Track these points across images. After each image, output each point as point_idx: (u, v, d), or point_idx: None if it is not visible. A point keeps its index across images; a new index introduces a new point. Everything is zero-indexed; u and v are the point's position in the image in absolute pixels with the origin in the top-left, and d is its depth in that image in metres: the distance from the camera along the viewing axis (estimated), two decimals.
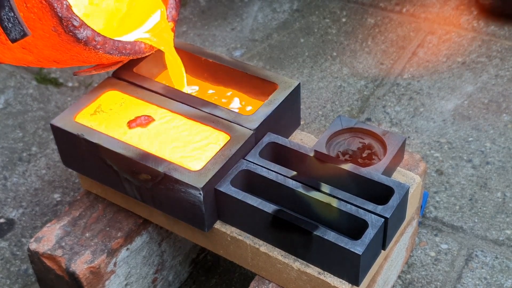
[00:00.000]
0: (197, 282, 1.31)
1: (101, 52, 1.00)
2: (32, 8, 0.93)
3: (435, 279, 1.26)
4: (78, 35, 0.96)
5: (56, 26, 0.94)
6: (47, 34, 0.96)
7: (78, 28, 0.96)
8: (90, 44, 0.98)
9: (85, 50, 0.99)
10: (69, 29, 0.95)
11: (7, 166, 1.55)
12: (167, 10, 1.12)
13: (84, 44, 0.97)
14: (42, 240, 1.10)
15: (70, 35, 0.95)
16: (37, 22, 0.94)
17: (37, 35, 0.97)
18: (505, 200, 1.39)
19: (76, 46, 0.97)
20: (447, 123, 1.58)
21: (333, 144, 1.09)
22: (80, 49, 0.99)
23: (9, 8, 0.90)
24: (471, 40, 1.83)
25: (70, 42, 0.96)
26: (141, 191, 1.04)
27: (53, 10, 0.92)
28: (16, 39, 0.91)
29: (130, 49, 1.05)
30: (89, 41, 0.97)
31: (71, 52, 0.99)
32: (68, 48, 0.98)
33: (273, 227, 0.96)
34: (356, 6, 2.00)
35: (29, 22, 0.94)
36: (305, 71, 1.78)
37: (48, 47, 0.99)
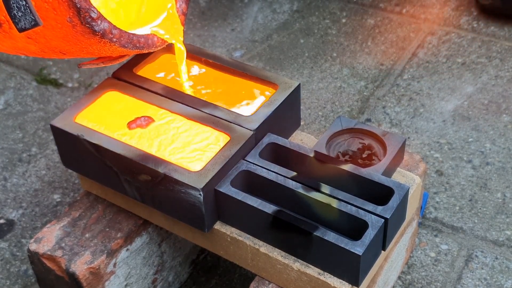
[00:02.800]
0: (197, 282, 1.31)
1: (116, 45, 0.97)
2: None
3: (435, 280, 1.26)
4: (95, 27, 0.92)
5: (72, 17, 0.90)
6: (60, 24, 0.92)
7: (96, 20, 0.92)
8: (106, 37, 0.95)
9: (99, 43, 0.96)
10: (86, 21, 0.91)
11: (7, 166, 1.55)
12: (177, 3, 1.09)
13: (100, 36, 0.94)
14: (42, 241, 1.10)
15: (86, 27, 0.91)
16: (51, 12, 0.90)
17: (48, 25, 0.92)
18: (505, 201, 1.39)
19: (91, 38, 0.94)
20: (447, 123, 1.58)
21: (333, 144, 1.09)
22: (94, 41, 0.95)
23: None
24: (471, 40, 1.83)
25: (85, 34, 0.93)
26: (141, 191, 1.04)
27: (70, 1, 0.89)
28: (24, 29, 0.87)
29: (143, 42, 1.03)
30: (106, 34, 0.94)
31: (82, 44, 0.96)
32: (81, 40, 0.95)
33: (273, 227, 0.96)
34: (356, 7, 2.00)
35: (41, 11, 0.90)
36: (305, 71, 1.78)
37: (58, 38, 0.96)
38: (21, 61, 1.87)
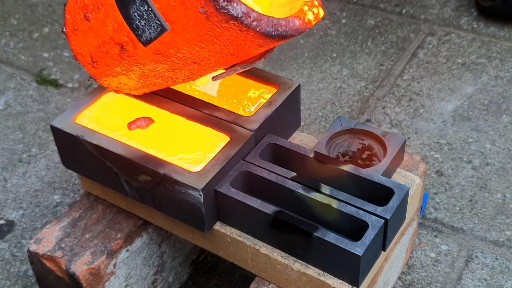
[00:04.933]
0: (197, 283, 1.31)
1: (257, 31, 0.84)
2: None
3: (435, 280, 1.26)
4: (232, 11, 0.80)
5: (205, 5, 0.79)
6: (192, 21, 0.81)
7: (231, 2, 0.80)
8: (246, 21, 0.82)
9: (239, 33, 0.84)
10: (221, 5, 0.79)
11: (7, 167, 1.55)
12: None
13: (239, 21, 0.81)
14: (42, 242, 1.10)
15: (222, 13, 0.80)
16: (179, 8, 0.80)
17: (177, 28, 0.82)
18: (505, 201, 1.39)
19: (228, 29, 0.83)
20: (447, 124, 1.58)
21: (333, 145, 1.09)
22: (232, 33, 0.83)
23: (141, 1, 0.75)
24: (471, 41, 1.83)
25: (220, 24, 0.82)
26: (141, 192, 1.04)
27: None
28: (150, 40, 0.78)
29: (285, 26, 0.88)
30: (244, 17, 0.82)
31: (220, 41, 0.85)
32: (217, 35, 0.83)
33: (273, 228, 0.96)
34: (356, 7, 2.00)
35: (167, 12, 0.80)
36: (305, 72, 1.78)
37: (190, 41, 0.85)
38: (21, 62, 1.88)
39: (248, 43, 0.86)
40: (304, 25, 0.92)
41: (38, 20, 2.03)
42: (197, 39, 0.84)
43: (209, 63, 0.91)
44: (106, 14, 0.87)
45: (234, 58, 0.91)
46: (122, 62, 0.91)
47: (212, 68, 0.94)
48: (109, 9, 0.87)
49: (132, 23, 0.77)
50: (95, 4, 0.88)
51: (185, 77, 0.95)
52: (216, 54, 0.88)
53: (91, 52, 0.94)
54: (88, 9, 0.89)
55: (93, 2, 0.89)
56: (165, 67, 0.91)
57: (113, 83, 0.99)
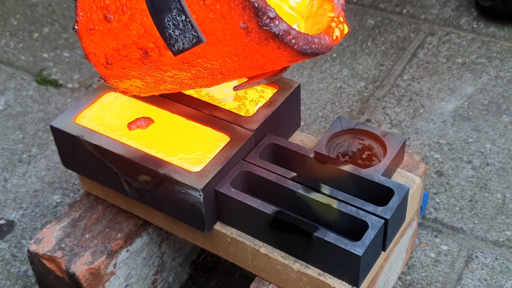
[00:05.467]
0: (197, 283, 1.31)
1: (294, 49, 0.83)
2: (213, 4, 0.77)
3: (435, 280, 1.26)
4: (274, 28, 0.79)
5: (247, 21, 0.77)
6: (229, 35, 0.80)
7: (274, 20, 0.78)
8: (286, 39, 0.81)
9: (276, 50, 0.82)
10: (264, 23, 0.77)
11: (7, 167, 1.55)
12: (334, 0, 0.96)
13: (279, 40, 0.80)
14: (42, 242, 1.10)
15: (264, 30, 0.78)
16: (218, 22, 0.78)
17: (212, 40, 0.80)
18: (505, 201, 1.39)
19: (266, 45, 0.81)
20: (447, 124, 1.58)
21: (333, 145, 1.09)
22: (269, 49, 0.82)
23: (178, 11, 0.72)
24: (471, 41, 1.83)
25: (260, 40, 0.80)
26: (141, 192, 1.04)
27: (246, 1, 0.76)
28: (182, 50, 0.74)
29: (317, 43, 0.87)
30: (285, 35, 0.80)
31: (253, 56, 0.83)
32: (253, 50, 0.82)
33: (273, 228, 0.96)
34: (356, 7, 2.00)
35: (204, 24, 0.78)
36: (305, 72, 1.78)
37: (223, 53, 0.83)
38: (21, 62, 1.88)
39: (281, 59, 0.86)
40: (333, 42, 0.92)
41: (38, 20, 2.03)
42: (231, 52, 0.83)
43: (235, 74, 0.90)
44: (132, 18, 0.86)
45: (260, 71, 0.91)
46: (142, 67, 0.90)
47: (235, 78, 0.93)
48: (136, 14, 0.85)
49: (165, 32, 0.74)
50: (119, 7, 0.86)
51: (204, 84, 0.94)
52: (245, 67, 0.87)
53: (106, 54, 0.92)
54: (109, 10, 0.88)
55: (116, 4, 0.87)
56: (188, 75, 0.89)
57: (124, 85, 0.98)
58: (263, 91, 1.11)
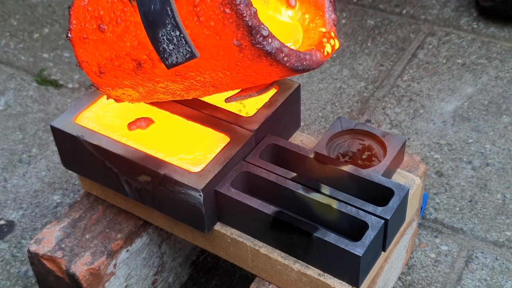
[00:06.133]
0: (197, 283, 1.31)
1: (286, 67, 0.84)
2: (207, 21, 0.77)
3: (435, 281, 1.26)
4: (267, 46, 0.80)
5: (241, 39, 0.78)
6: (222, 51, 0.80)
7: (267, 38, 0.79)
8: (278, 57, 0.82)
9: (268, 67, 0.83)
10: (257, 41, 0.78)
11: (7, 167, 1.55)
12: (325, 14, 0.97)
13: (272, 57, 0.81)
14: (42, 242, 1.10)
15: (257, 48, 0.79)
16: (212, 38, 0.79)
17: (206, 55, 0.81)
18: (505, 202, 1.39)
19: (259, 62, 0.82)
20: (447, 124, 1.58)
21: (333, 145, 1.09)
22: (261, 65, 0.83)
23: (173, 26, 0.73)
24: (471, 41, 1.83)
25: (253, 57, 0.81)
26: (141, 192, 1.04)
27: (241, 19, 0.77)
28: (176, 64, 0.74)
29: (309, 59, 0.89)
30: (277, 53, 0.82)
31: (246, 71, 0.84)
32: (246, 66, 0.83)
33: (273, 228, 0.96)
34: (356, 8, 2.00)
35: (198, 39, 0.79)
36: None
37: (215, 68, 0.84)
38: (21, 62, 1.88)
39: (273, 74, 0.87)
40: (324, 58, 0.93)
41: (38, 20, 2.03)
42: (224, 67, 0.84)
43: (227, 87, 0.91)
44: (126, 30, 0.86)
45: (251, 84, 0.92)
46: (135, 77, 0.90)
47: (227, 90, 0.94)
48: (130, 26, 0.85)
49: (159, 46, 0.75)
50: (113, 18, 0.87)
51: (196, 96, 0.95)
52: (237, 81, 0.88)
53: (99, 63, 0.93)
54: (103, 21, 0.88)
55: (110, 15, 0.87)
56: (180, 87, 0.90)
57: (116, 93, 0.98)
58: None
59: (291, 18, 1.01)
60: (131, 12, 0.84)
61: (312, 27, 0.98)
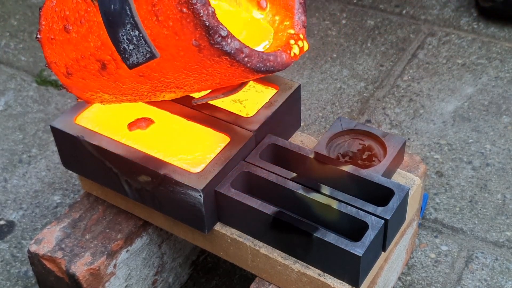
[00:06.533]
0: (197, 284, 1.31)
1: (247, 67, 0.84)
2: (166, 21, 0.77)
3: (435, 281, 1.26)
4: (226, 47, 0.80)
5: (199, 39, 0.78)
6: (182, 51, 0.80)
7: (226, 38, 0.79)
8: (238, 57, 0.82)
9: (229, 67, 0.83)
10: (216, 41, 0.78)
11: (7, 168, 1.55)
12: (295, 16, 0.97)
13: (232, 57, 0.81)
14: (42, 242, 1.10)
15: (216, 48, 0.79)
16: (171, 38, 0.79)
17: (166, 55, 0.81)
18: (505, 202, 1.39)
19: (218, 62, 0.82)
20: (447, 124, 1.58)
21: (333, 145, 1.09)
22: (222, 66, 0.83)
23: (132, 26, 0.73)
24: (471, 41, 1.83)
25: (212, 57, 0.81)
26: (141, 193, 1.04)
27: (198, 19, 0.77)
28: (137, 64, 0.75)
29: (273, 61, 0.88)
30: (237, 53, 0.81)
31: (208, 72, 0.84)
32: (207, 66, 0.83)
33: (273, 228, 0.96)
34: (356, 8, 2.00)
35: (158, 39, 0.79)
36: (305, 72, 1.78)
37: (177, 69, 0.83)
38: (21, 63, 1.88)
39: (236, 75, 0.86)
40: (290, 59, 0.93)
41: (38, 20, 2.03)
42: (185, 67, 0.84)
43: (193, 88, 0.91)
44: (89, 30, 0.86)
45: (218, 85, 0.92)
46: (101, 78, 0.90)
47: (194, 92, 0.94)
48: (93, 26, 0.86)
49: (120, 46, 0.75)
50: (77, 18, 0.87)
51: (164, 97, 0.95)
52: (201, 82, 0.88)
53: (67, 64, 0.93)
54: (69, 21, 0.88)
55: (75, 15, 0.87)
56: (146, 88, 0.90)
57: (86, 94, 0.98)
58: (263, 92, 1.11)
59: (262, 20, 1.02)
60: (94, 12, 0.84)
61: (281, 29, 0.98)
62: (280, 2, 0.99)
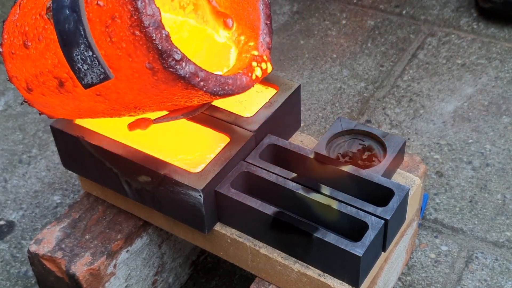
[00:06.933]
0: (197, 284, 1.31)
1: (203, 91, 0.82)
2: (119, 42, 0.76)
3: (435, 281, 1.26)
4: (180, 70, 0.78)
5: (152, 62, 0.77)
6: (137, 73, 0.79)
7: (180, 62, 0.78)
8: (193, 81, 0.80)
9: (185, 90, 0.82)
10: (169, 65, 0.77)
11: (7, 168, 1.55)
12: (259, 37, 0.95)
13: (186, 81, 0.80)
14: (42, 242, 1.10)
15: (169, 72, 0.78)
16: (125, 60, 0.78)
17: (121, 76, 0.79)
18: (505, 202, 1.39)
19: (174, 85, 0.80)
20: (447, 125, 1.58)
21: (333, 146, 1.09)
22: (177, 89, 0.81)
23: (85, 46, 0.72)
24: (471, 42, 1.83)
25: (167, 81, 0.80)
26: (141, 193, 1.04)
27: (150, 42, 0.75)
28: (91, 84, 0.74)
29: (232, 84, 0.87)
30: (192, 77, 0.80)
31: (163, 94, 0.82)
32: (162, 89, 0.81)
33: (273, 229, 0.96)
34: (356, 8, 2.00)
35: (112, 61, 0.78)
36: (305, 73, 1.78)
37: (133, 90, 0.82)
38: None
39: (192, 98, 0.85)
40: (252, 82, 0.91)
41: None
42: (141, 89, 0.82)
43: (151, 109, 0.90)
44: (47, 47, 0.85)
45: (178, 106, 0.91)
46: (60, 95, 0.89)
47: (152, 111, 0.93)
48: (50, 43, 0.85)
49: (74, 65, 0.74)
50: (36, 35, 0.86)
51: (123, 115, 0.94)
52: (159, 103, 0.86)
53: (27, 79, 0.92)
54: (28, 37, 0.87)
55: (34, 32, 0.86)
56: (104, 107, 0.89)
57: (47, 110, 0.97)
58: (263, 92, 1.11)
59: (228, 39, 1.01)
60: (51, 29, 0.83)
61: (246, 49, 0.97)
62: (246, 22, 0.98)
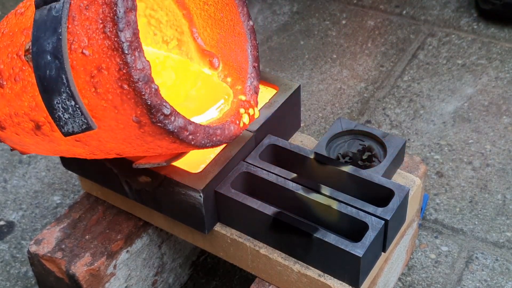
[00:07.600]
0: (197, 284, 1.31)
1: (191, 145, 0.80)
2: (105, 94, 0.72)
3: (435, 281, 1.26)
4: (169, 125, 0.75)
5: (140, 116, 0.73)
6: (122, 125, 0.75)
7: (169, 117, 0.75)
8: (181, 136, 0.78)
9: (172, 143, 0.79)
10: (158, 119, 0.74)
11: (7, 168, 1.55)
12: (247, 81, 0.92)
13: (175, 136, 0.77)
14: (42, 243, 1.10)
15: (157, 126, 0.75)
16: (110, 111, 0.74)
17: (105, 126, 0.76)
18: (505, 202, 1.39)
19: (161, 138, 0.77)
20: (447, 125, 1.58)
21: (333, 146, 1.09)
22: (165, 142, 0.78)
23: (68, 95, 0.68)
24: (471, 42, 1.83)
25: (154, 134, 0.76)
26: (141, 193, 1.04)
27: (139, 97, 0.72)
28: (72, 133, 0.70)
29: (220, 134, 0.85)
30: (181, 132, 0.77)
31: (149, 145, 0.79)
32: (148, 140, 0.78)
33: (273, 229, 0.96)
34: (356, 8, 2.00)
35: (97, 111, 0.74)
36: (305, 73, 1.78)
37: (117, 140, 0.79)
38: None
39: (179, 148, 0.83)
40: (239, 130, 0.89)
41: None
42: (125, 139, 0.79)
43: (133, 156, 0.86)
44: (23, 89, 0.80)
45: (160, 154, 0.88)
46: (35, 137, 0.84)
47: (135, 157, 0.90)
48: (28, 86, 0.79)
49: (54, 113, 0.69)
50: (12, 75, 0.81)
51: (102, 157, 0.90)
52: (142, 152, 0.84)
53: (0, 117, 0.86)
54: (3, 76, 0.81)
55: (10, 71, 0.81)
56: (83, 151, 0.85)
57: (20, 147, 0.92)
58: (263, 92, 1.11)
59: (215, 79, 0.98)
60: (29, 72, 0.78)
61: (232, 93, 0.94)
62: (233, 64, 0.94)
